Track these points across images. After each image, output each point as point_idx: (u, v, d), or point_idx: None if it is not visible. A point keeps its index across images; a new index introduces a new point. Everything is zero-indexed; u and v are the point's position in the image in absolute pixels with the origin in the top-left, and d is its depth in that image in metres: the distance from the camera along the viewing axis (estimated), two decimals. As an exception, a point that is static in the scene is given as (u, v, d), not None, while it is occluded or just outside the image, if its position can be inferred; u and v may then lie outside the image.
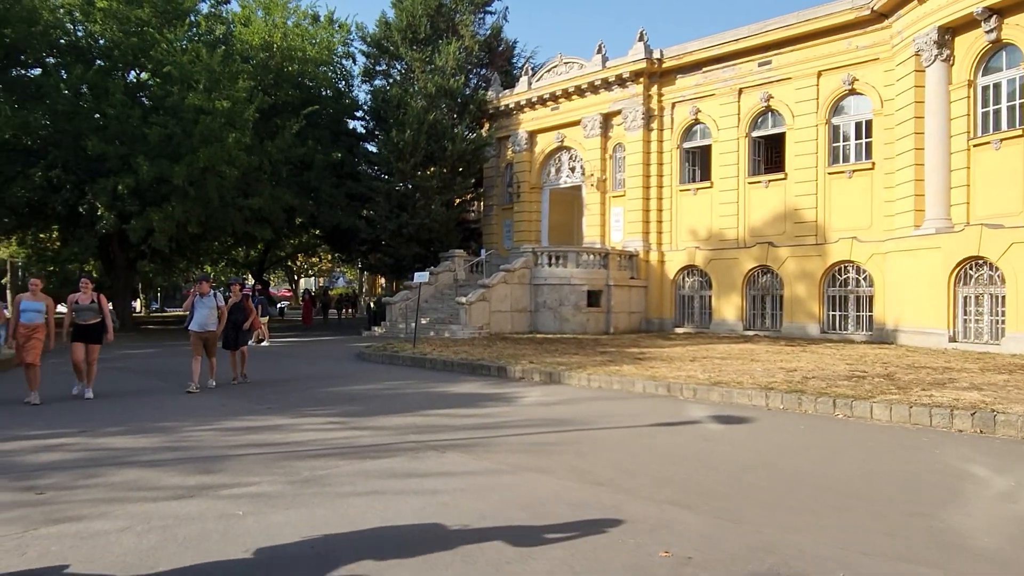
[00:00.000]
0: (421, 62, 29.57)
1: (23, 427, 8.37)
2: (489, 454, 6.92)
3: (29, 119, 21.80)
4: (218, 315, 11.70)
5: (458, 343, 19.02)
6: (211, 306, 11.57)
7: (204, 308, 11.51)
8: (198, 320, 11.48)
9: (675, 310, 25.20)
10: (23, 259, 39.83)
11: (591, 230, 27.17)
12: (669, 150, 25.29)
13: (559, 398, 10.56)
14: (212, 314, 11.58)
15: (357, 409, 9.60)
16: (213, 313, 11.60)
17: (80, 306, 10.76)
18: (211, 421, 8.73)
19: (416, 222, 27.86)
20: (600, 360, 14.05)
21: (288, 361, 16.43)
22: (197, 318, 11.48)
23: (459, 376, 13.29)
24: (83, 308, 10.74)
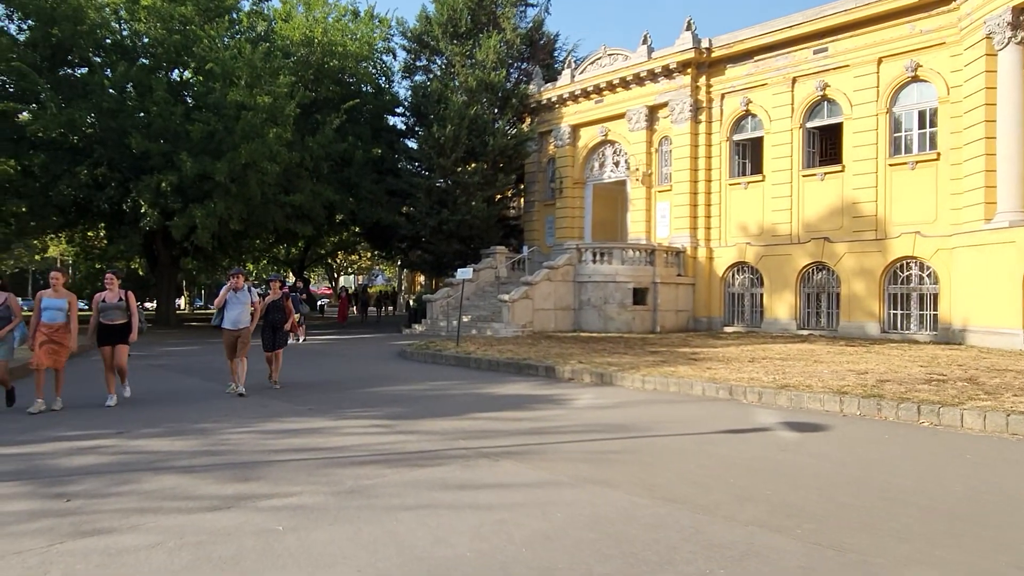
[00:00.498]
0: (462, 56, 29.16)
1: (60, 427, 8.08)
2: (546, 463, 6.38)
3: (74, 117, 21.92)
4: (251, 312, 10.83)
5: (501, 342, 18.52)
6: (244, 302, 10.66)
7: (237, 304, 10.61)
8: (230, 317, 10.57)
9: (724, 308, 24.33)
10: (72, 257, 40.56)
11: (636, 226, 26.44)
12: (718, 143, 24.43)
13: (613, 401, 9.96)
14: (245, 311, 10.68)
15: (402, 411, 9.14)
16: (246, 310, 10.69)
17: (106, 305, 9.69)
18: (251, 423, 8.34)
19: (456, 218, 27.44)
20: (652, 360, 13.40)
21: (328, 360, 16.11)
22: (229, 315, 10.58)
23: (506, 376, 12.77)
24: (110, 307, 9.68)
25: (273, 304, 11.40)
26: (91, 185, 23.09)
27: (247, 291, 10.72)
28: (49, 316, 9.12)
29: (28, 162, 22.52)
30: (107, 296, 9.72)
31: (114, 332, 9.66)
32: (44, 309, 9.12)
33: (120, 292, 9.81)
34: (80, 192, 23.08)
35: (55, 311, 9.15)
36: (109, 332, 9.66)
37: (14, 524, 4.83)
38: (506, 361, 13.59)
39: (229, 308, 10.56)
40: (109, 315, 9.65)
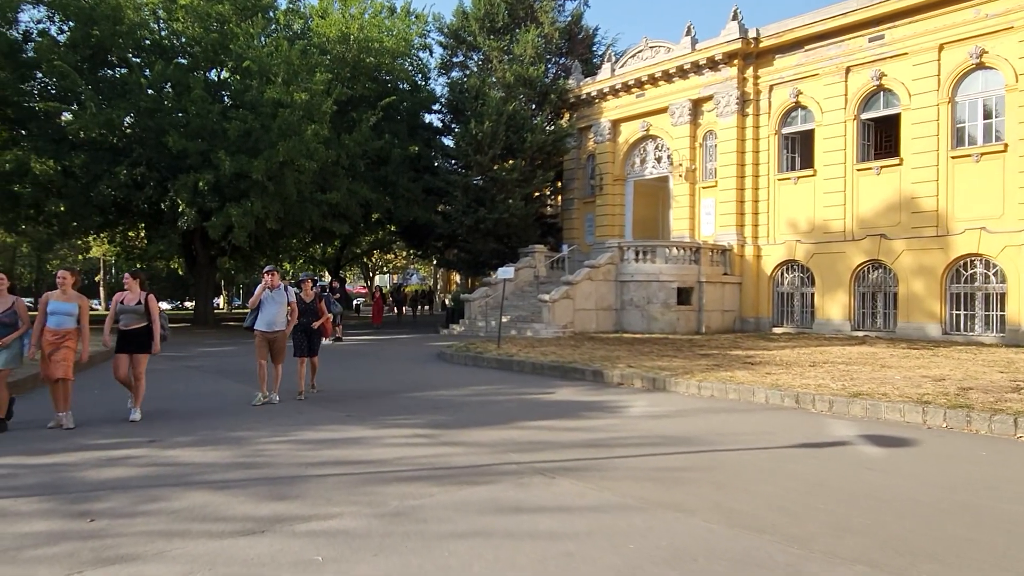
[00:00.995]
0: (499, 51, 28.64)
1: (92, 434, 7.72)
2: (607, 482, 5.78)
3: (113, 117, 21.89)
4: (288, 312, 9.93)
5: (543, 343, 17.94)
6: (281, 302, 9.75)
7: (273, 304, 9.72)
8: (265, 318, 9.69)
9: (773, 308, 23.41)
10: (113, 257, 41.05)
11: (679, 223, 25.62)
12: (766, 136, 23.51)
13: (669, 409, 9.31)
14: (282, 311, 9.77)
15: (445, 419, 8.61)
16: (283, 310, 9.78)
17: (124, 307, 8.58)
18: (287, 431, 7.89)
19: (494, 217, 26.92)
20: (705, 364, 12.69)
21: (365, 361, 15.69)
22: (264, 315, 9.69)
23: (550, 381, 12.18)
24: (127, 310, 8.57)
25: (306, 307, 10.46)
26: (130, 185, 23.07)
27: (284, 290, 9.88)
28: (56, 321, 8.08)
29: (69, 162, 22.58)
30: (126, 298, 8.68)
31: (130, 339, 8.57)
32: (50, 314, 8.09)
33: (140, 294, 8.70)
34: (119, 192, 23.08)
35: (63, 316, 8.10)
36: (125, 338, 8.59)
37: (32, 548, 4.40)
38: (551, 364, 13.01)
39: (264, 308, 9.74)
40: (125, 319, 8.60)
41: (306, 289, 10.61)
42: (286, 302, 9.86)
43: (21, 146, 23.07)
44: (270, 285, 9.75)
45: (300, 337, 10.47)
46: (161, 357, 16.38)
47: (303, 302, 10.37)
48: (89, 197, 23.28)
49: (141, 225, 31.46)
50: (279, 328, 9.79)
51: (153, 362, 15.37)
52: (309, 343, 10.55)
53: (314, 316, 10.55)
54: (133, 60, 24.03)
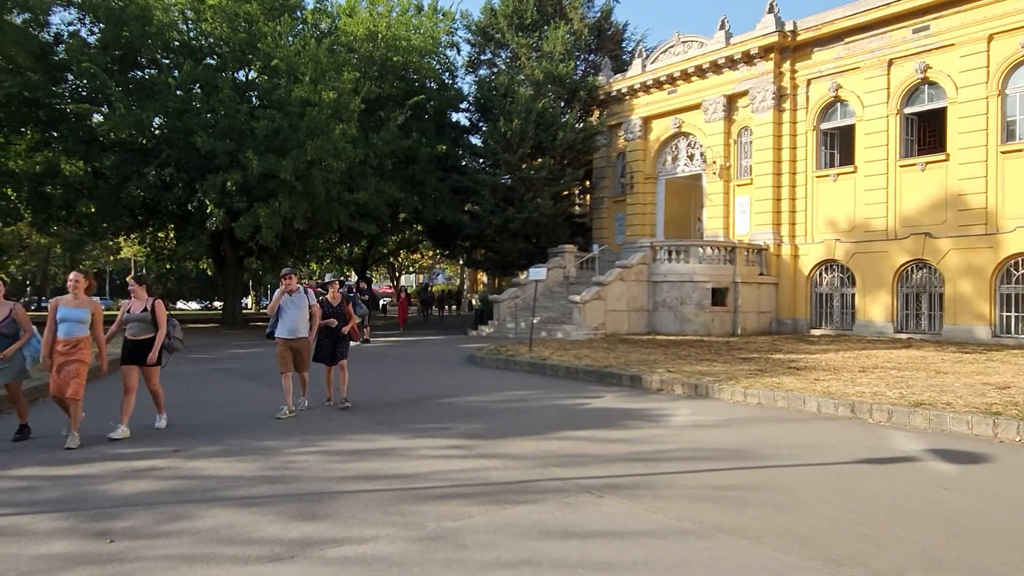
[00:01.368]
0: (528, 48, 28.25)
1: (115, 444, 7.45)
2: (660, 501, 5.34)
3: (142, 117, 21.87)
4: (310, 316, 9.33)
5: (575, 345, 17.49)
6: (302, 306, 9.14)
7: (294, 309, 9.09)
8: (286, 324, 9.06)
9: (811, 310, 22.71)
10: (144, 258, 41.35)
11: (713, 222, 25.00)
12: (804, 132, 22.81)
13: (715, 418, 8.83)
14: (303, 316, 9.17)
15: (480, 428, 8.22)
16: (305, 315, 9.18)
17: (131, 316, 7.87)
18: (316, 441, 7.55)
19: (523, 216, 26.51)
20: (748, 369, 12.16)
21: (394, 364, 15.36)
22: (285, 322, 9.06)
23: (586, 386, 11.74)
24: (134, 319, 7.84)
25: (332, 309, 9.67)
26: (159, 186, 23.05)
27: (303, 293, 9.24)
28: (66, 329, 7.24)
29: (98, 164, 22.61)
30: (132, 306, 7.97)
31: (139, 349, 7.83)
32: (60, 321, 7.25)
33: (147, 301, 7.97)
34: (148, 193, 23.06)
35: (74, 323, 7.27)
36: (134, 349, 7.83)
37: (47, 572, 4.09)
38: (586, 369, 12.56)
39: (284, 314, 9.10)
40: (132, 328, 7.88)
41: (333, 291, 9.85)
42: (307, 306, 9.24)
43: (52, 148, 23.15)
44: (289, 289, 9.11)
45: (325, 342, 9.68)
46: (188, 359, 16.25)
47: (329, 305, 9.66)
48: (119, 198, 23.30)
49: (171, 226, 31.56)
50: (302, 334, 9.18)
51: (180, 364, 15.27)
52: (334, 348, 9.70)
53: (341, 319, 9.73)
54: (162, 61, 24.02)
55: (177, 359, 16.38)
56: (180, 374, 13.43)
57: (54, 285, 70.55)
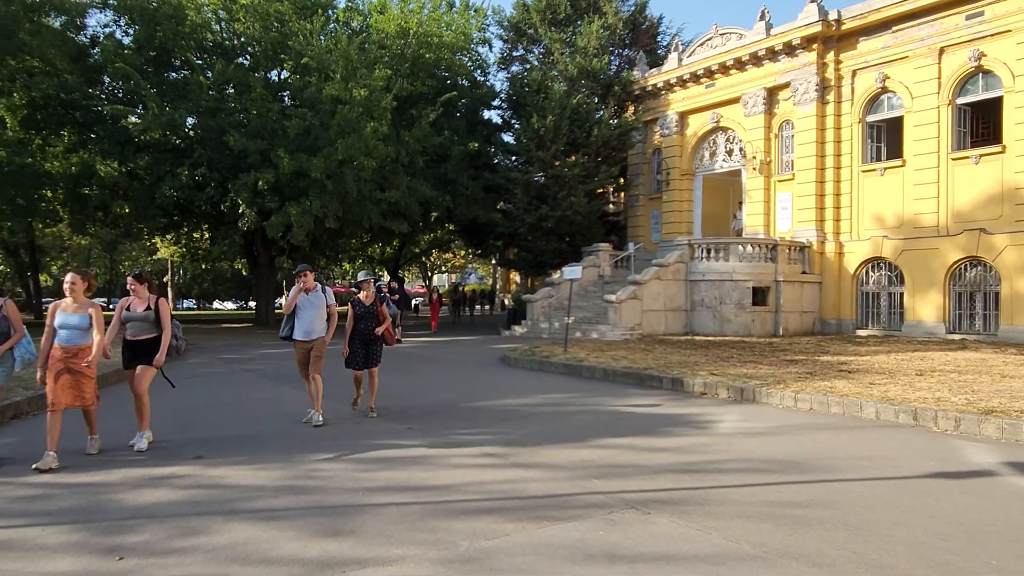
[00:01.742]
0: (561, 43, 27.78)
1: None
2: (714, 520, 4.86)
3: (175, 117, 21.89)
4: (328, 316, 8.65)
5: (611, 346, 16.98)
6: (319, 305, 8.51)
7: (310, 309, 8.46)
8: (302, 326, 8.43)
9: (856, 309, 21.85)
10: (179, 258, 41.75)
11: (752, 219, 24.24)
12: (848, 125, 21.96)
13: (765, 425, 8.28)
14: (321, 316, 8.52)
15: (514, 434, 7.79)
16: (322, 315, 8.53)
17: (131, 315, 7.24)
18: (343, 448, 7.18)
19: (556, 214, 26.02)
20: (796, 372, 11.54)
21: (425, 366, 15.02)
22: (301, 323, 8.44)
23: (625, 388, 11.25)
24: (134, 318, 7.22)
25: (364, 309, 9.00)
26: (191, 186, 23.08)
27: (320, 292, 8.59)
28: (66, 337, 6.56)
29: (133, 164, 22.71)
30: (132, 303, 7.30)
31: (140, 351, 7.23)
32: (59, 328, 6.58)
33: (149, 299, 7.32)
34: (181, 193, 23.11)
35: (73, 330, 6.59)
36: (133, 351, 7.24)
37: (48, 594, 3.78)
38: (624, 371, 12.06)
39: (300, 314, 8.47)
40: (132, 328, 7.24)
41: (367, 291, 9.09)
42: (324, 305, 8.57)
43: (88, 149, 23.32)
44: (305, 287, 8.45)
45: (357, 346, 8.92)
46: (219, 360, 16.13)
47: (362, 305, 9.00)
48: (152, 198, 23.39)
49: (204, 226, 31.72)
50: (317, 336, 8.50)
51: (211, 364, 15.14)
52: (367, 353, 8.96)
53: (375, 321, 8.97)
54: (195, 61, 24.04)
55: (208, 360, 16.32)
56: (210, 375, 13.26)
57: (96, 286, 71.95)
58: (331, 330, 8.68)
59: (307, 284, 8.43)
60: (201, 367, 14.72)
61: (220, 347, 19.70)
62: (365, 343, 8.96)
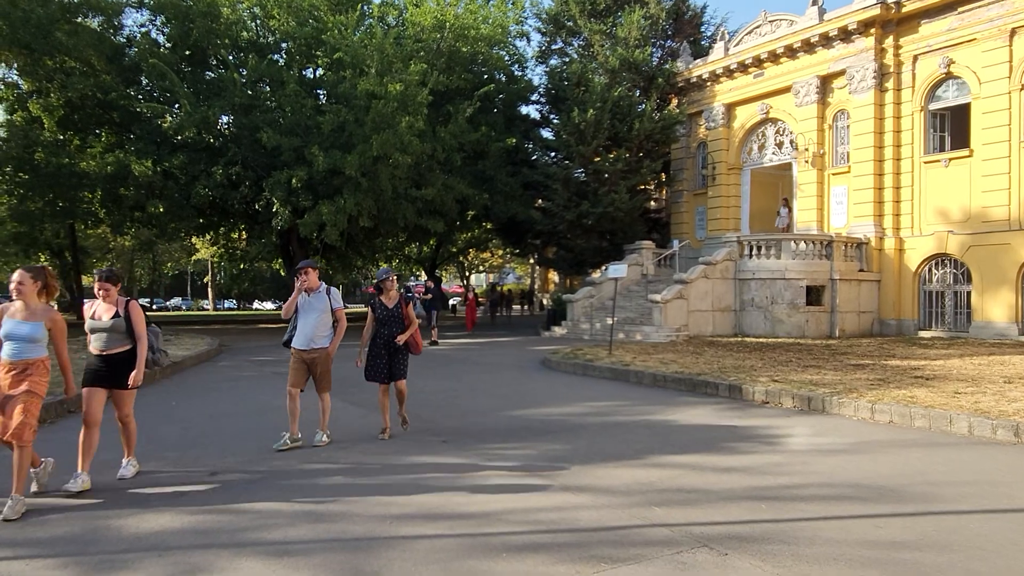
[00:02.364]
0: (601, 35, 26.93)
1: (152, 457, 6.58)
2: (806, 565, 4.03)
3: (209, 115, 21.58)
4: (334, 322, 7.41)
5: (657, 348, 16.10)
6: (322, 309, 7.22)
7: (312, 313, 7.20)
8: (304, 332, 7.20)
9: (918, 309, 20.57)
10: (217, 259, 41.84)
11: (805, 214, 23.07)
12: (909, 113, 20.68)
13: (842, 440, 7.37)
14: (324, 321, 7.26)
15: (560, 449, 7.03)
16: (326, 320, 7.28)
17: (96, 324, 5.86)
18: (371, 465, 6.50)
19: (597, 211, 25.15)
20: (866, 379, 10.54)
21: (461, 369, 14.32)
22: (303, 328, 7.21)
23: (677, 396, 10.39)
24: (100, 328, 5.85)
25: (388, 314, 7.61)
26: (226, 185, 22.76)
27: (324, 293, 7.31)
28: (12, 350, 5.23)
29: (168, 163, 22.52)
30: (97, 310, 5.92)
31: (109, 367, 5.82)
32: (4, 339, 5.24)
33: (119, 303, 5.91)
34: (216, 192, 22.80)
35: (22, 342, 5.24)
36: (100, 366, 5.82)
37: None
38: (675, 376, 11.20)
39: (301, 318, 7.26)
40: (98, 339, 5.86)
41: (389, 290, 7.69)
42: (329, 309, 7.29)
43: (124, 149, 23.20)
44: (307, 287, 7.22)
45: (379, 356, 7.56)
46: (248, 363, 15.65)
47: (384, 308, 7.63)
48: (188, 198, 23.17)
49: (242, 226, 31.54)
50: (319, 345, 7.22)
51: (241, 368, 14.65)
52: (391, 364, 7.57)
53: (399, 326, 7.60)
54: (229, 59, 23.73)
55: (238, 362, 15.83)
56: (236, 379, 12.76)
57: (139, 287, 73.21)
58: (337, 339, 7.41)
59: (309, 283, 7.21)
60: (230, 370, 14.26)
61: (253, 348, 19.31)
62: (388, 352, 7.58)
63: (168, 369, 13.21)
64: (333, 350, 7.38)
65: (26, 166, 22.74)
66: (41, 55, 21.88)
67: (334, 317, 7.39)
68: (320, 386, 7.33)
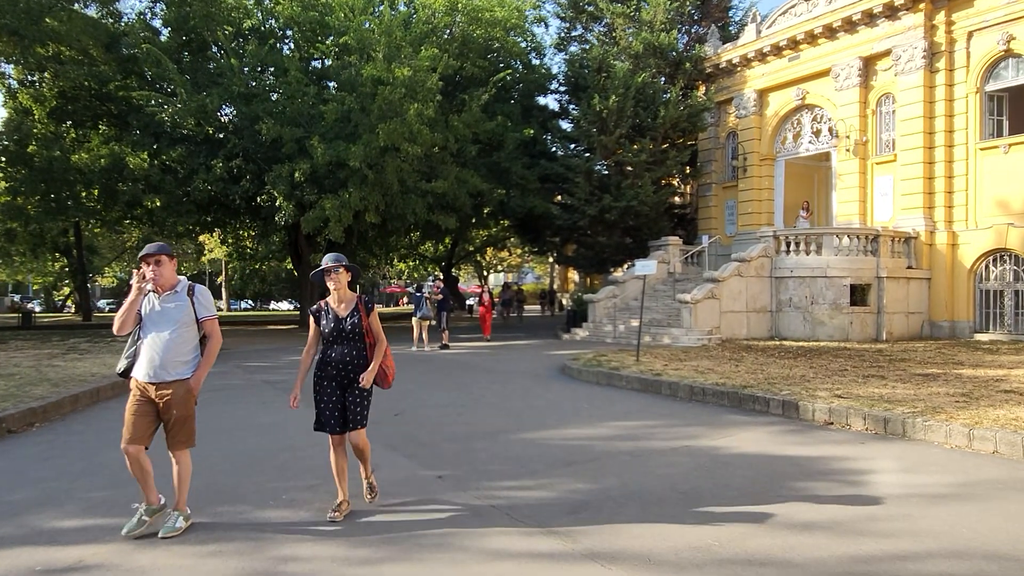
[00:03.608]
0: (624, 18, 25.39)
1: (60, 501, 5.18)
2: None
3: (206, 103, 20.28)
4: (201, 341, 4.76)
5: (688, 354, 14.53)
6: (179, 319, 4.63)
7: (163, 325, 4.60)
8: (147, 354, 4.59)
9: (974, 310, 18.78)
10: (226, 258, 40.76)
11: (845, 207, 21.34)
12: (963, 96, 18.89)
13: (944, 479, 5.78)
14: (183, 338, 4.64)
15: (584, 490, 5.52)
16: (186, 335, 4.66)
17: None
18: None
19: (621, 205, 23.57)
20: (946, 394, 8.90)
21: (469, 377, 12.83)
22: (149, 349, 4.59)
23: (719, 413, 8.83)
24: None
25: (339, 327, 4.87)
26: (226, 179, 21.45)
27: (184, 294, 4.68)
28: None
29: (166, 157, 21.28)
30: None
31: None
32: None
33: None
34: (215, 186, 21.49)
35: None
36: None
37: None
38: (715, 389, 9.63)
39: (144, 333, 4.63)
40: None
41: (339, 287, 4.91)
42: (192, 320, 4.67)
43: (120, 141, 22.02)
44: (156, 285, 4.57)
45: (328, 391, 4.89)
46: (239, 369, 14.27)
47: (333, 315, 4.91)
48: (187, 192, 21.92)
49: (249, 223, 30.28)
50: (175, 376, 4.58)
51: (226, 376, 13.24)
52: (344, 404, 4.90)
53: (357, 348, 4.90)
54: (230, 45, 22.42)
55: (228, 368, 14.43)
56: (219, 389, 11.37)
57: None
58: (206, 366, 4.77)
59: (159, 279, 4.55)
60: (215, 378, 12.87)
61: (249, 352, 17.97)
62: (342, 389, 4.90)
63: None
64: (198, 383, 4.71)
65: (19, 161, 21.59)
66: (32, 42, 20.74)
67: (201, 332, 4.75)
68: (175, 440, 4.65)
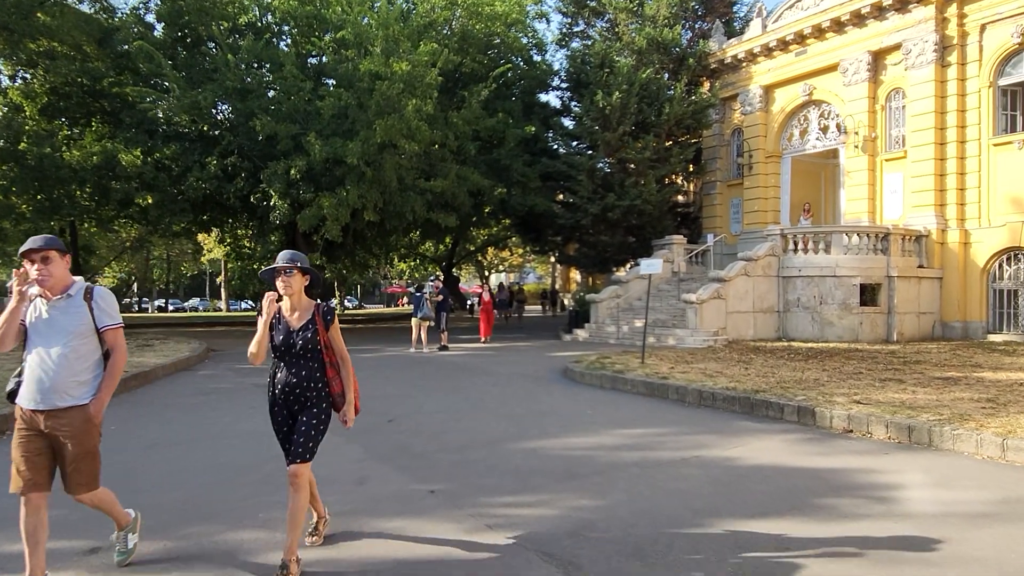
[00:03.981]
0: (628, 13, 24.91)
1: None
2: None
3: (199, 98, 19.81)
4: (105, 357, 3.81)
5: (695, 356, 14.06)
6: (74, 330, 3.67)
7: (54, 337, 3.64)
8: (34, 374, 3.62)
9: (987, 310, 18.29)
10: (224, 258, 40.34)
11: (854, 205, 20.85)
12: (976, 90, 18.40)
13: (979, 495, 5.32)
14: (78, 352, 3.67)
15: (589, 508, 5.06)
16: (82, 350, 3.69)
17: None
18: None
19: (624, 203, 23.09)
20: (970, 399, 8.43)
21: (467, 380, 12.36)
22: (35, 368, 3.63)
23: (730, 420, 8.37)
24: None
25: (290, 339, 4.01)
26: (220, 176, 20.98)
27: (80, 298, 3.72)
28: None
29: (159, 154, 20.83)
30: None
31: None
32: None
33: None
34: (209, 184, 21.01)
35: None
36: None
37: None
38: (725, 393, 9.16)
39: (31, 346, 3.66)
40: None
41: (292, 291, 4.02)
42: (90, 330, 3.74)
43: (113, 139, 21.57)
44: (43, 286, 3.61)
45: (281, 420, 4.11)
46: (230, 372, 13.83)
47: (283, 327, 4.06)
48: (180, 190, 21.46)
49: (245, 222, 29.81)
50: (71, 402, 3.65)
51: (217, 379, 12.81)
52: (289, 431, 4.09)
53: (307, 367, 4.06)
54: (225, 40, 21.97)
55: (219, 371, 14.02)
56: (209, 392, 10.93)
57: (157, 287, 72.21)
58: (109, 388, 3.81)
59: (49, 279, 3.60)
60: (206, 381, 12.47)
61: (242, 354, 17.47)
62: (290, 411, 4.09)
63: (133, 381, 11.48)
64: (99, 409, 3.74)
65: (10, 158, 21.14)
66: (22, 37, 20.30)
67: (103, 345, 3.79)
68: (74, 484, 3.70)
